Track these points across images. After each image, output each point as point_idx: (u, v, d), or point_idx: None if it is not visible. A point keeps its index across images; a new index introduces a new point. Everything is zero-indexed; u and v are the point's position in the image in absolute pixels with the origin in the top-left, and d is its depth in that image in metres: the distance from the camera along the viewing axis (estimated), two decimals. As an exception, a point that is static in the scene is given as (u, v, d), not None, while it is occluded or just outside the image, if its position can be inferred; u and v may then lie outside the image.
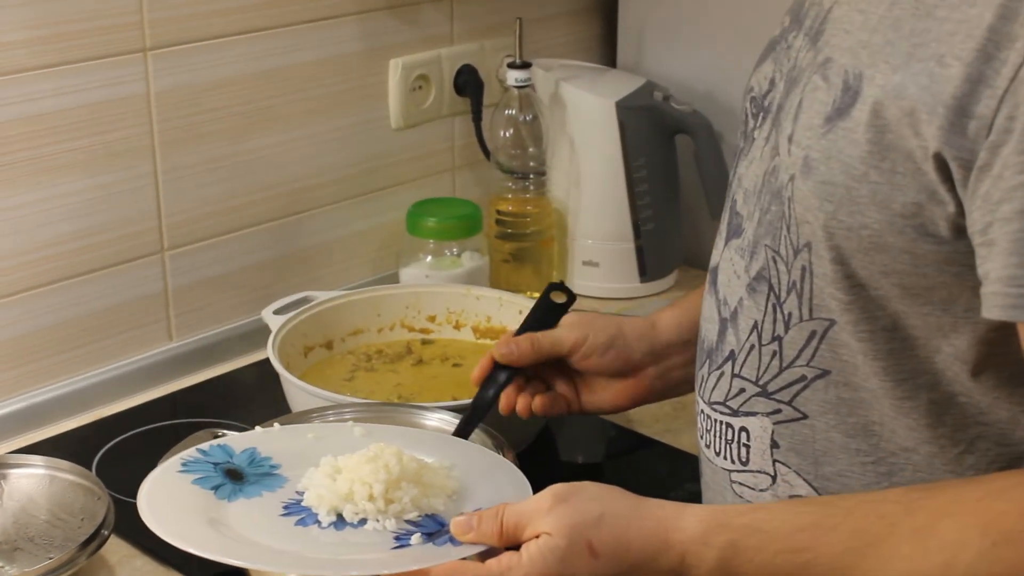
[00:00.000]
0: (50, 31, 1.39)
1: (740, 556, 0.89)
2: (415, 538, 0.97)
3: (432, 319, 1.55)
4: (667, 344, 1.22)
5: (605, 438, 1.47)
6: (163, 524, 0.98)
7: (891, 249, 0.90)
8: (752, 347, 1.01)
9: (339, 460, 1.04)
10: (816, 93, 0.94)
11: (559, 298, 1.24)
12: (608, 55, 1.97)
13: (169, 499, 1.03)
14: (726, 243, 1.06)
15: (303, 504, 1.02)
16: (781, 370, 0.99)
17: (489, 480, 1.05)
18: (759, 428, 1.01)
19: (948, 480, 0.94)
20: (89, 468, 1.32)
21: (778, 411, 1.00)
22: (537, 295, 1.71)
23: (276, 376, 1.37)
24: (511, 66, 1.73)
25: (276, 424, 1.17)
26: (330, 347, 1.49)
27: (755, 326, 1.00)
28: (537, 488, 0.98)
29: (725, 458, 1.05)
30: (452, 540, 0.95)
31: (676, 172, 1.82)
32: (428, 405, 1.25)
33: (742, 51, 1.74)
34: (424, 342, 1.53)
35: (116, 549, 1.23)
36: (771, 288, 0.99)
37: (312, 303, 1.49)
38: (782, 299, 0.98)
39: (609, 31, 1.96)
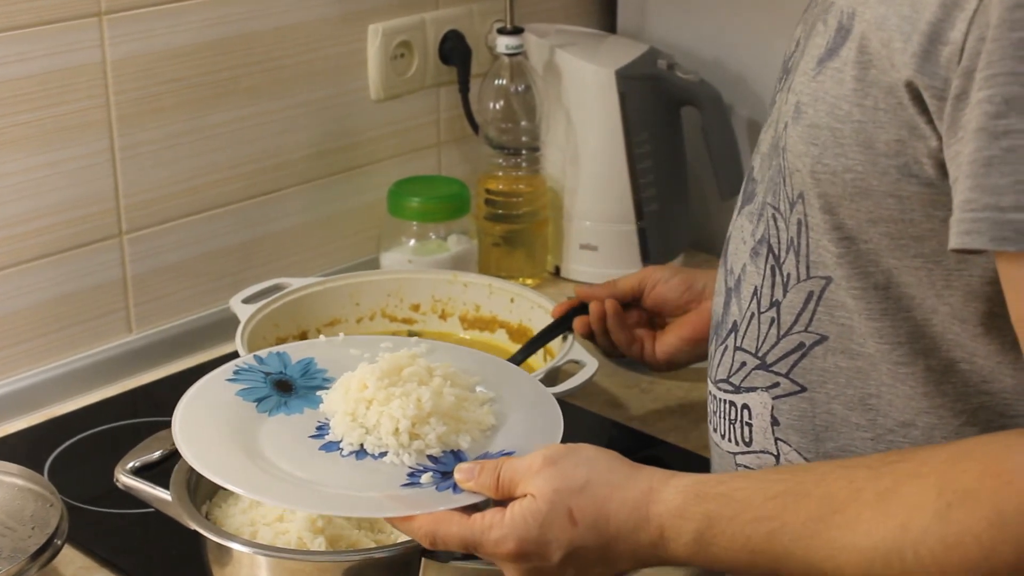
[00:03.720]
0: (-6, -7, 1.39)
1: (715, 527, 0.93)
2: (425, 477, 1.04)
3: (416, 308, 1.55)
4: None
5: (606, 437, 1.47)
6: (184, 433, 1.07)
7: (875, 193, 0.92)
8: (752, 315, 1.05)
9: (372, 389, 1.09)
10: (816, 39, 0.98)
11: None
12: (607, 20, 1.97)
13: (206, 409, 1.12)
14: (739, 211, 1.10)
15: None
16: (779, 339, 1.02)
17: (526, 420, 1.12)
18: (759, 404, 1.05)
19: (929, 445, 0.96)
20: (40, 472, 1.32)
21: (776, 384, 1.03)
22: (530, 282, 1.73)
23: (245, 371, 1.36)
24: (501, 32, 1.73)
25: (341, 335, 1.25)
26: (304, 339, 1.49)
27: (755, 292, 1.04)
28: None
29: (730, 440, 1.09)
30: (455, 487, 1.01)
31: (682, 147, 1.82)
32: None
33: (754, 15, 1.76)
34: (408, 333, 1.53)
35: (71, 560, 1.23)
36: (770, 249, 1.02)
37: (285, 291, 1.49)
38: (781, 259, 1.01)
39: (609, -7, 1.97)
